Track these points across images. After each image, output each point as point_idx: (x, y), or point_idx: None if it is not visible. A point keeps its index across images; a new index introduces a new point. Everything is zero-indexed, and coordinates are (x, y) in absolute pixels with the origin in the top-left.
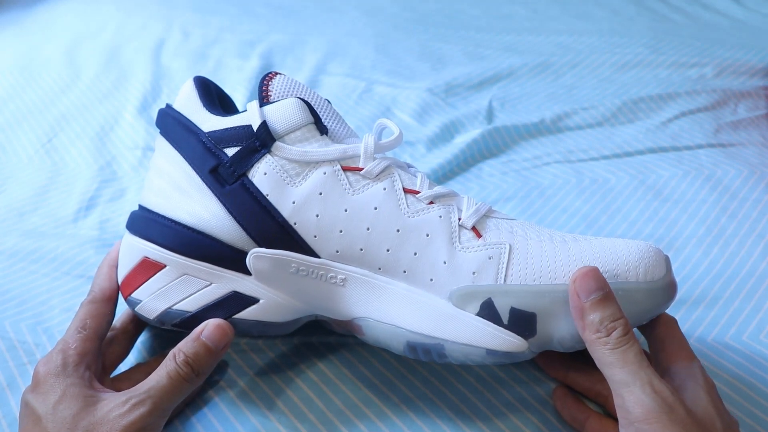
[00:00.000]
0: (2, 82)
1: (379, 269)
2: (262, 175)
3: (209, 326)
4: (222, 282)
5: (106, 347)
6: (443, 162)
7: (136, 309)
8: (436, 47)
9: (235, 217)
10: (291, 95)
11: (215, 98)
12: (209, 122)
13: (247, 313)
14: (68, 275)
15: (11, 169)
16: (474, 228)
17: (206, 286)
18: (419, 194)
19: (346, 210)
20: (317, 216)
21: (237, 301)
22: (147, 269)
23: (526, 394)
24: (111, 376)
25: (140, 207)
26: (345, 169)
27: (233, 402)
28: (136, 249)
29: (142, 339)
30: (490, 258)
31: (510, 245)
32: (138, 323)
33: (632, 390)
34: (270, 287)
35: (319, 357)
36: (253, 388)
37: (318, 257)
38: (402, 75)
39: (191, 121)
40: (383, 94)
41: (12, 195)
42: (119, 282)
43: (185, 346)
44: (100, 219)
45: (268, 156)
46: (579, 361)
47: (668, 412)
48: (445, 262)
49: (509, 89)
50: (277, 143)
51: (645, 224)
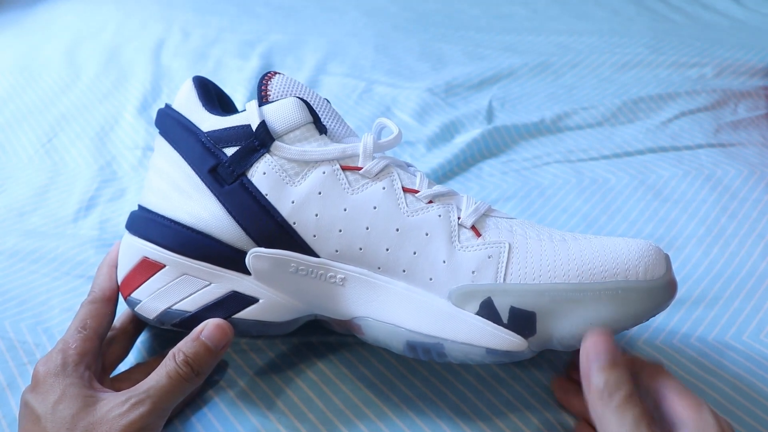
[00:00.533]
0: (2, 82)
1: (379, 268)
2: (261, 175)
3: (209, 326)
4: (221, 282)
5: (106, 347)
6: (443, 162)
7: (136, 309)
8: (436, 47)
9: (235, 217)
10: (290, 95)
11: (214, 98)
12: (208, 122)
13: (247, 313)
14: (68, 275)
15: (11, 169)
16: (473, 227)
17: (206, 286)
18: (418, 193)
19: (346, 209)
20: (316, 215)
21: (236, 301)
22: (146, 269)
23: (526, 394)
24: (111, 376)
25: (140, 207)
26: (344, 169)
27: (233, 402)
28: (136, 249)
29: (142, 339)
30: (490, 257)
31: (509, 244)
32: (138, 323)
33: None
34: (269, 287)
35: (319, 357)
36: (253, 388)
37: (317, 257)
38: (402, 75)
39: (190, 121)
40: (383, 94)
41: (12, 195)
42: (119, 282)
43: (185, 346)
44: (100, 219)
45: (267, 155)
46: None
47: None
48: (445, 262)
49: (509, 89)
50: (276, 143)
51: (645, 224)
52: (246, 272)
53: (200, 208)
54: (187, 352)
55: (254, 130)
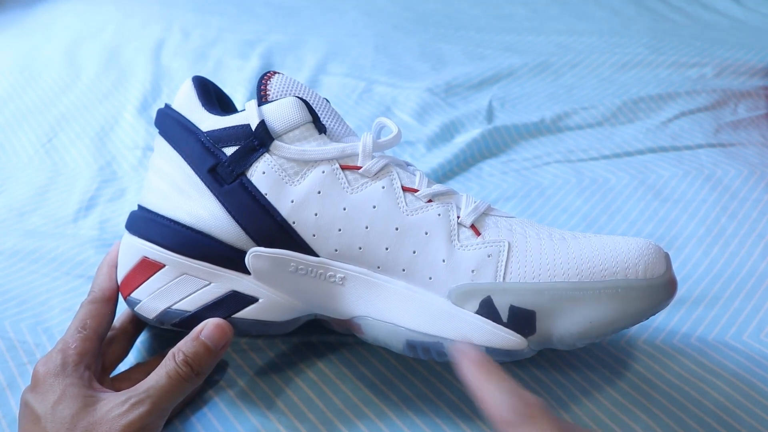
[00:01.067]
0: (2, 82)
1: (378, 268)
2: (261, 174)
3: (208, 326)
4: (221, 281)
5: (106, 347)
6: (443, 162)
7: (136, 309)
8: (436, 47)
9: (234, 217)
10: (289, 94)
11: (214, 98)
12: (208, 122)
13: (247, 313)
14: (68, 275)
15: (11, 169)
16: (473, 226)
17: (205, 286)
18: (418, 192)
19: (345, 209)
20: (316, 215)
21: (236, 301)
22: (146, 269)
23: None
24: (111, 376)
25: (139, 207)
26: (343, 168)
27: (233, 402)
28: (136, 249)
29: (142, 339)
30: (489, 256)
31: (509, 243)
32: (137, 323)
33: None
34: (269, 286)
35: (319, 356)
36: (253, 388)
37: (317, 256)
38: (402, 75)
39: (190, 121)
40: (383, 94)
41: (12, 195)
42: (119, 282)
43: (185, 346)
44: (100, 219)
45: (267, 155)
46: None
47: None
48: (444, 261)
49: (509, 89)
50: (276, 142)
51: (645, 224)
52: (245, 272)
53: (200, 208)
54: (187, 352)
55: (254, 130)
